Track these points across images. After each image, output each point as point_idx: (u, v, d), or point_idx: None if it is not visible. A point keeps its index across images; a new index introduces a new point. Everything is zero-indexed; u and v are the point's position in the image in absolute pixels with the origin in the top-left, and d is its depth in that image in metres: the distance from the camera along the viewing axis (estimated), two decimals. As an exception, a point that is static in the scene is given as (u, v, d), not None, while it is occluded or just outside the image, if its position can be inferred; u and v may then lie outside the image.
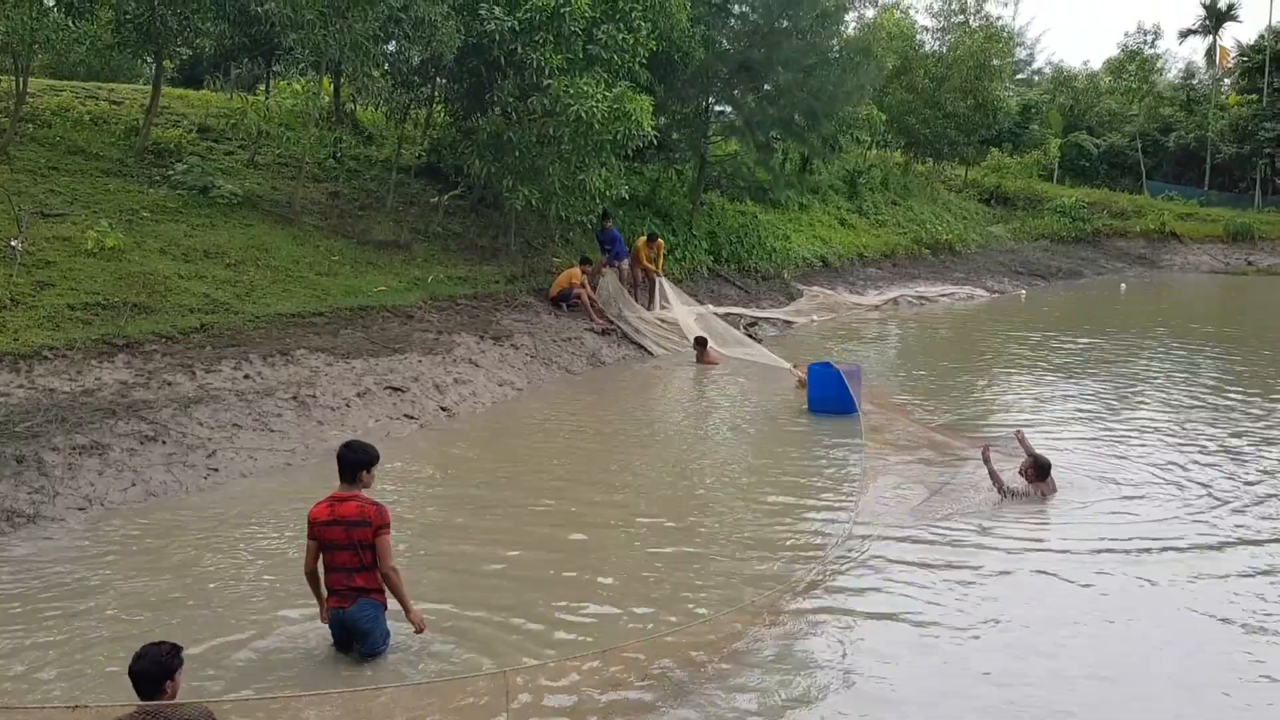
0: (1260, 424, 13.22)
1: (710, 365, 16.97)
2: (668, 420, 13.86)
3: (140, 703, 4.78)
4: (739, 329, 20.54)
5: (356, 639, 6.17)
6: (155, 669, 4.76)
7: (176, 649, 4.97)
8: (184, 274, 13.15)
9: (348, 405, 11.77)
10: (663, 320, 18.98)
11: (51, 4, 15.84)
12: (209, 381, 10.99)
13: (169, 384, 10.66)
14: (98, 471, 9.03)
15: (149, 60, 18.29)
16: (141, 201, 14.90)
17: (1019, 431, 10.42)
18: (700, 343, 17.33)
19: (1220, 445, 11.95)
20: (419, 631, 6.23)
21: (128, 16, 15.96)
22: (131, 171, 15.95)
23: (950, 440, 11.81)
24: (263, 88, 22.41)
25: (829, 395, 13.41)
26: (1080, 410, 14.32)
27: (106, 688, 5.66)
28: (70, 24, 15.87)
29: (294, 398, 11.38)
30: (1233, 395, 15.34)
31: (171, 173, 16.12)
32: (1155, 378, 17.13)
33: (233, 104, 20.35)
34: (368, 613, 6.11)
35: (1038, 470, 9.69)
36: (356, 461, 6.19)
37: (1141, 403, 14.96)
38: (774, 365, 16.68)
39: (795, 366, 15.74)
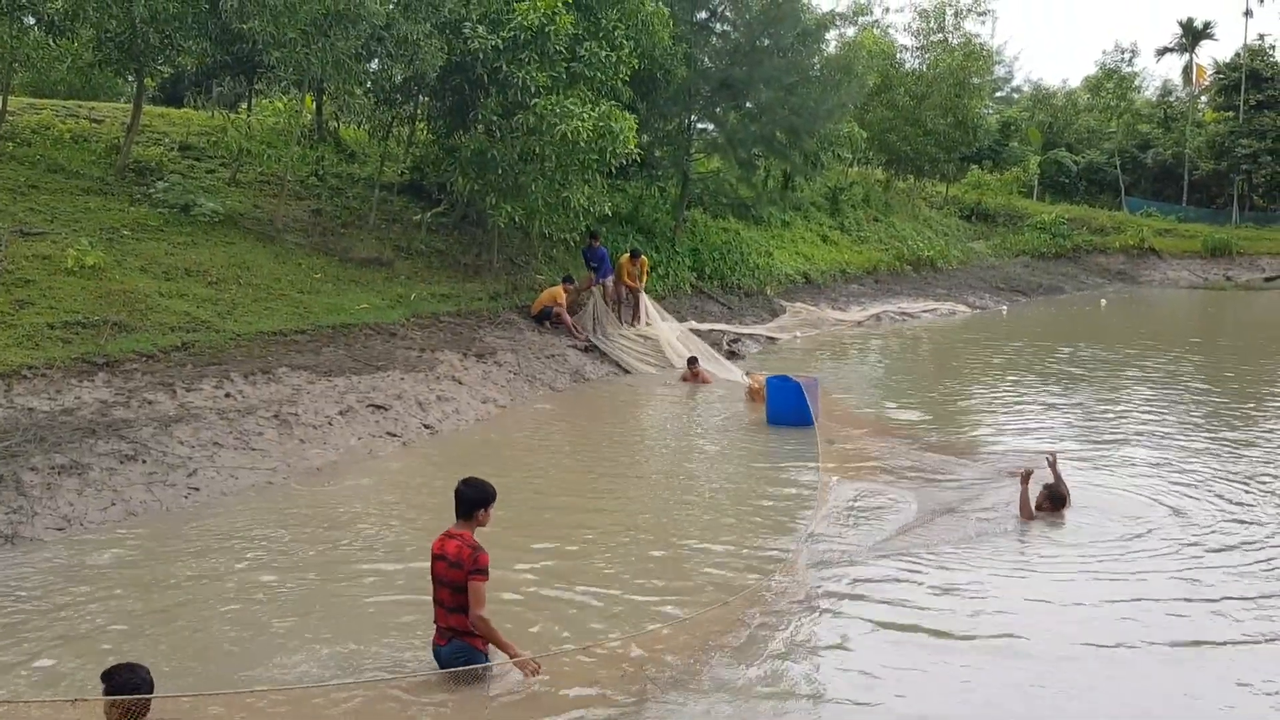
0: (1255, 450, 13.30)
1: (702, 384, 16.89)
2: (649, 436, 13.85)
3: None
4: (723, 345, 20.59)
5: None
6: (127, 690, 4.71)
7: (141, 669, 4.91)
8: (165, 292, 13.08)
9: (330, 423, 11.72)
10: (644, 337, 18.96)
11: (32, 22, 15.78)
12: (190, 400, 10.92)
13: (149, 403, 10.59)
14: (77, 491, 8.95)
15: (130, 79, 18.25)
16: (122, 220, 14.83)
17: (1052, 456, 10.07)
18: (692, 361, 17.29)
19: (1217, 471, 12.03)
20: (529, 677, 5.92)
21: (109, 35, 15.90)
22: (112, 190, 15.88)
23: (910, 449, 11.93)
24: (245, 106, 22.36)
25: (787, 408, 13.52)
26: (1066, 423, 14.40)
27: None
28: (51, 42, 15.82)
29: (275, 416, 11.32)
30: (1218, 407, 15.45)
31: (152, 191, 16.05)
32: (1138, 390, 17.23)
33: (214, 122, 20.30)
34: (459, 656, 6.00)
35: (1053, 502, 9.53)
36: (474, 500, 6.09)
37: (1124, 416, 15.05)
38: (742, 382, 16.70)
39: (748, 374, 15.87)
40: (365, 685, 5.99)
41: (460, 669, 5.95)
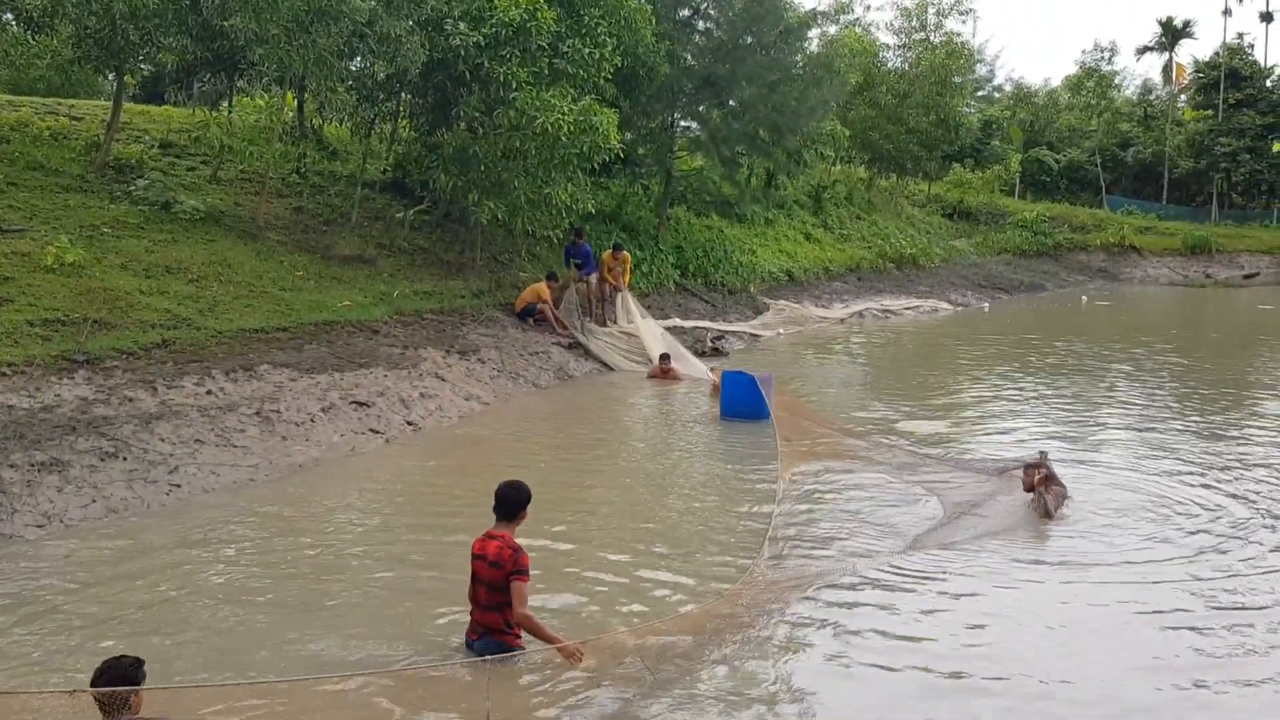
0: (1237, 446, 13.42)
1: (673, 381, 16.91)
2: (630, 432, 13.87)
3: (105, 719, 4.73)
4: (707, 343, 20.62)
5: None
6: (120, 683, 4.69)
7: (139, 662, 4.90)
8: (145, 290, 13.01)
9: (312, 420, 11.68)
10: (628, 334, 18.95)
11: (11, 18, 15.67)
12: (171, 397, 10.87)
13: (130, 400, 10.53)
14: (57, 488, 8.90)
15: (110, 76, 18.15)
16: (102, 217, 14.75)
17: (1043, 455, 10.13)
18: (664, 358, 17.29)
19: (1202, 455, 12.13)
20: (576, 663, 5.94)
21: (88, 31, 15.78)
22: (92, 187, 15.79)
23: (859, 440, 12.10)
24: (226, 103, 22.26)
25: (740, 402, 13.59)
26: (1048, 417, 14.49)
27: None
28: (30, 38, 15.74)
29: (257, 413, 11.28)
30: (1199, 401, 15.58)
31: (133, 188, 15.96)
32: (1120, 385, 17.35)
33: (195, 119, 20.20)
34: (489, 651, 6.05)
35: (1049, 480, 9.53)
36: (516, 501, 6.21)
37: (1107, 410, 15.16)
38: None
39: (712, 369, 16.00)
40: (355, 676, 5.97)
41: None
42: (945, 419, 14.78)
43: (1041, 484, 9.50)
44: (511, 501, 6.21)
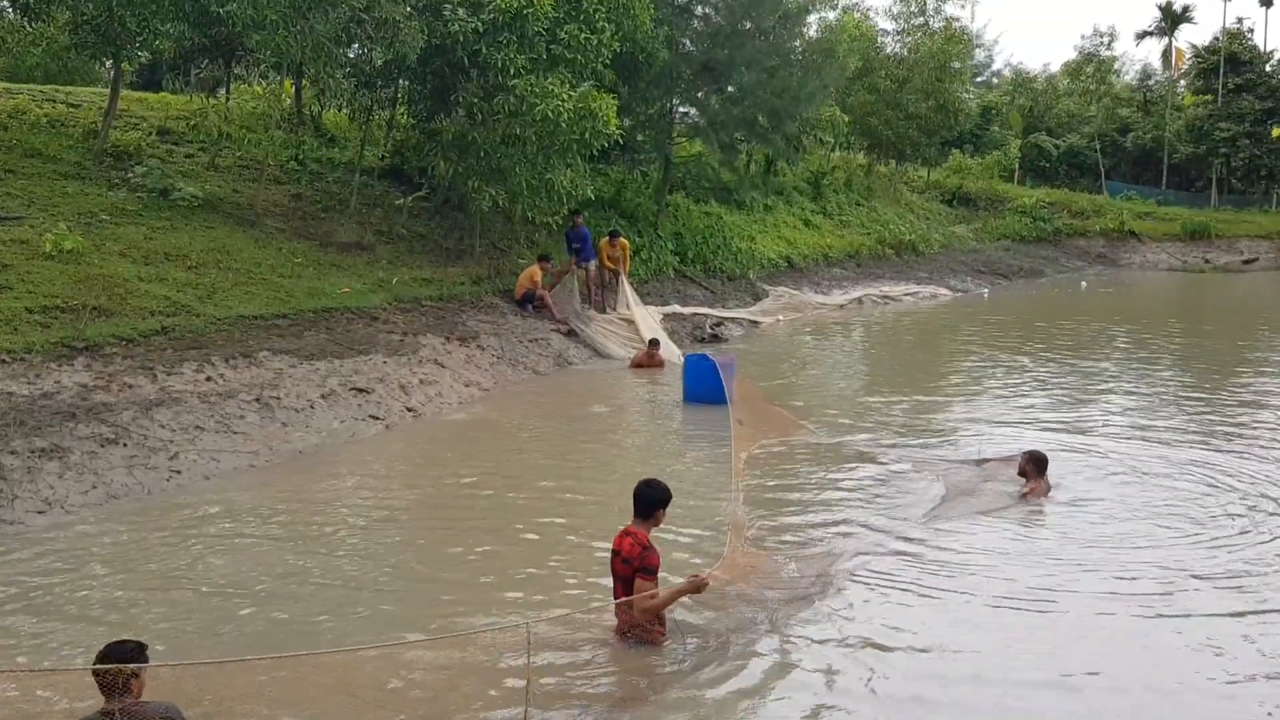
0: (1234, 419, 13.44)
1: (657, 369, 16.72)
2: (626, 417, 13.88)
3: (107, 702, 4.74)
4: (705, 329, 20.62)
5: None
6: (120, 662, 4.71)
7: (141, 646, 4.92)
8: (144, 276, 13.00)
9: (312, 407, 11.69)
10: (626, 320, 18.93)
11: (7, 5, 15.62)
12: (170, 384, 10.88)
13: (130, 386, 10.54)
14: (58, 474, 8.91)
15: (107, 63, 18.09)
16: (100, 204, 14.73)
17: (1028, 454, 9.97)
18: (653, 344, 17.22)
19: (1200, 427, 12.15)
20: (702, 589, 6.17)
21: (85, 18, 15.71)
22: (90, 174, 15.76)
23: (806, 426, 12.29)
24: (223, 90, 22.21)
25: (702, 386, 13.58)
26: (1046, 401, 14.50)
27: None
28: (26, 25, 15.66)
29: (257, 400, 11.29)
30: (1197, 381, 15.59)
31: (131, 175, 15.94)
32: (1118, 368, 17.37)
33: (193, 106, 20.14)
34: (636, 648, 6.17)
35: (1036, 465, 9.53)
36: (653, 500, 6.29)
37: (1106, 393, 15.17)
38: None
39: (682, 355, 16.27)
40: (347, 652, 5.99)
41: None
42: (942, 403, 14.80)
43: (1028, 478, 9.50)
44: (649, 501, 6.29)
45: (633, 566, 6.08)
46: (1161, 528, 8.70)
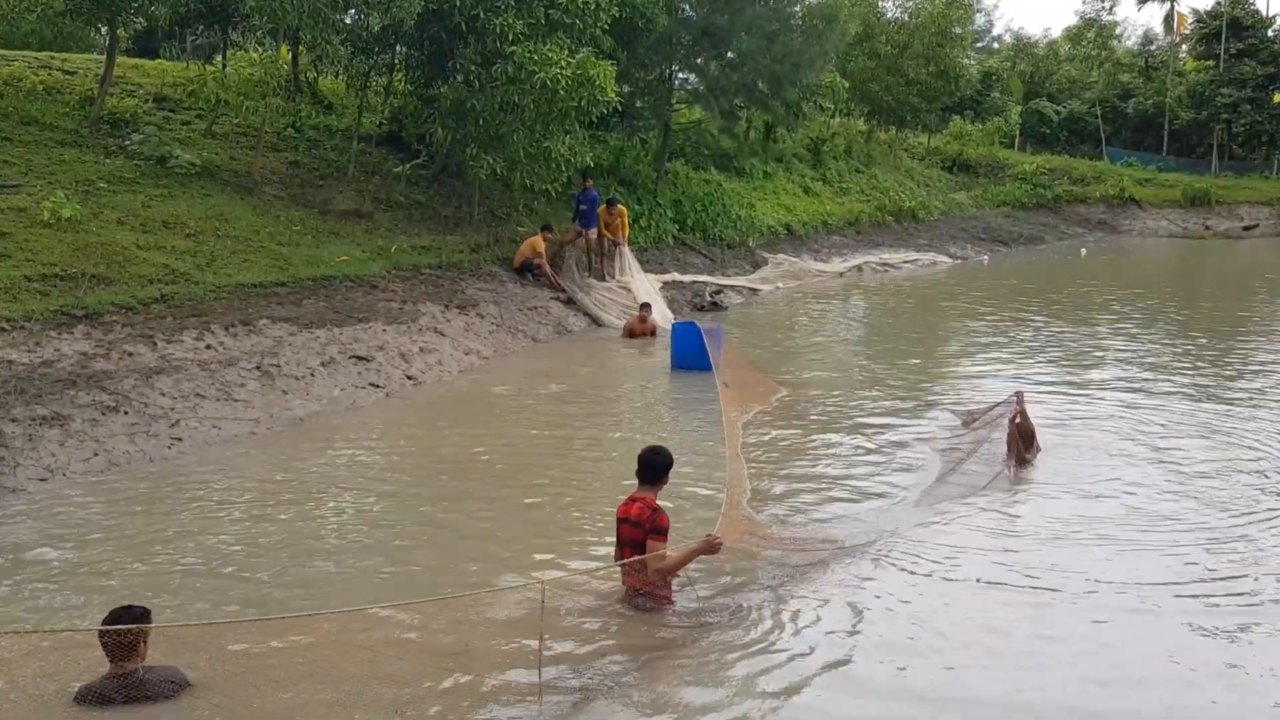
0: (1231, 385, 13.47)
1: (650, 337, 16.60)
2: (629, 388, 13.91)
3: (113, 665, 4.80)
4: (705, 297, 20.60)
5: None
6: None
7: (146, 611, 4.97)
8: (143, 244, 12.98)
9: (312, 374, 11.71)
10: (625, 288, 18.90)
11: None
12: (170, 352, 10.89)
13: (130, 354, 10.55)
14: (59, 442, 8.94)
15: (103, 29, 17.95)
16: (98, 172, 14.67)
17: (1019, 394, 9.96)
18: (645, 307, 17.15)
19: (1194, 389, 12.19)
20: (716, 551, 6.21)
21: (79, -17, 15.61)
22: (87, 142, 15.68)
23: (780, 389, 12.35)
24: (220, 57, 22.04)
25: (689, 352, 13.57)
26: (1044, 366, 14.53)
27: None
28: (20, -10, 15.53)
29: (257, 367, 11.31)
30: (1195, 347, 15.63)
31: (128, 143, 15.86)
32: (1117, 335, 17.39)
33: (189, 73, 20.02)
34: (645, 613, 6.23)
35: (1023, 439, 9.54)
36: (660, 466, 6.37)
37: (1102, 360, 15.21)
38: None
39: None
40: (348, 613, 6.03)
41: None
42: (941, 370, 14.83)
43: (1016, 430, 9.49)
44: (656, 467, 6.36)
45: (644, 529, 6.13)
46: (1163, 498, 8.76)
